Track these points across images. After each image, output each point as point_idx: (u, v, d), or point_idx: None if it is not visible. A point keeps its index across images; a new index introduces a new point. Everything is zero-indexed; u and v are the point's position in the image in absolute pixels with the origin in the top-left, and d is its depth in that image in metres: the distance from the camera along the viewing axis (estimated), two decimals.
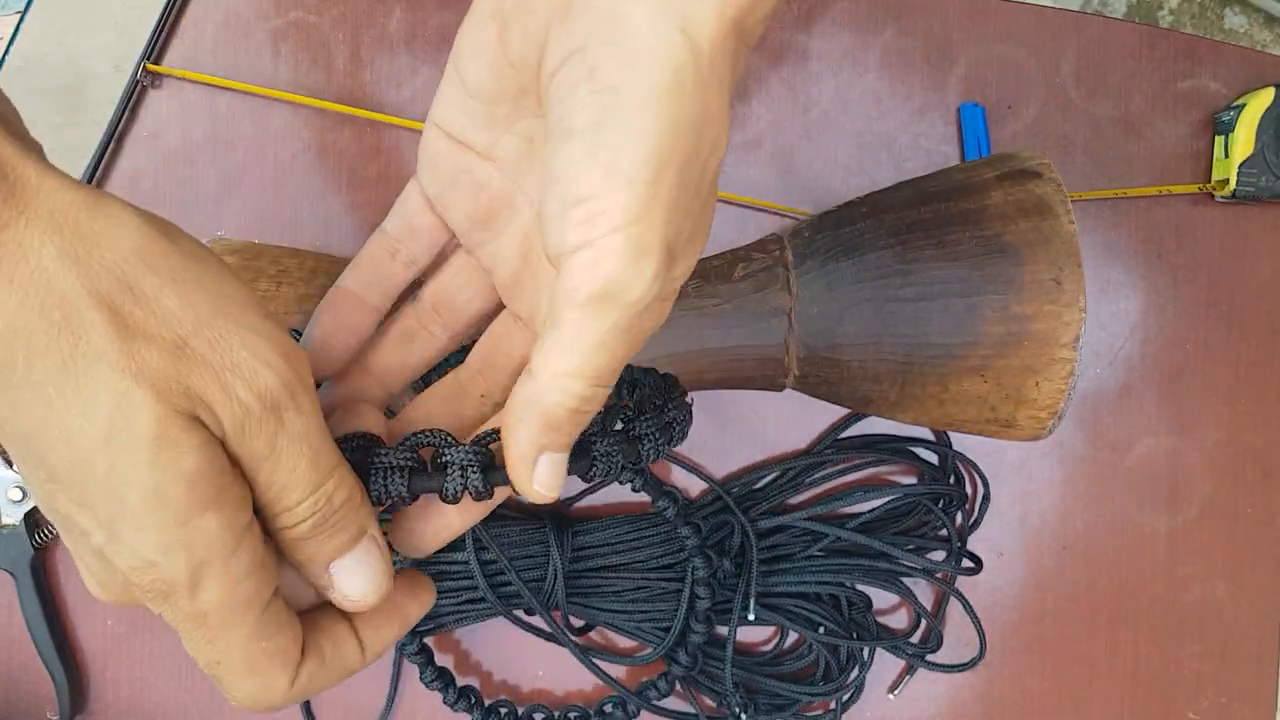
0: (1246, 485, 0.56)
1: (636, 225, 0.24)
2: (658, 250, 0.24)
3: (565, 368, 0.25)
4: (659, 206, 0.24)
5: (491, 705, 0.53)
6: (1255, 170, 0.53)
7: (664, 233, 0.24)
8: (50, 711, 0.56)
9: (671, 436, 0.32)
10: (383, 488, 0.29)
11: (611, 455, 0.30)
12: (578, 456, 0.29)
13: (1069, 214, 0.42)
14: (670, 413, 0.32)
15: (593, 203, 0.24)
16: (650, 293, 0.25)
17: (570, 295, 0.25)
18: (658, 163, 0.24)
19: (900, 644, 0.54)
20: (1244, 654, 0.56)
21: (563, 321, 0.25)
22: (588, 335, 0.25)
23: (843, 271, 0.44)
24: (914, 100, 0.55)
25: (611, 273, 0.24)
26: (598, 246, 0.24)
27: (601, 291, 0.24)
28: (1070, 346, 0.41)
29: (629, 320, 0.25)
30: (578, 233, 0.24)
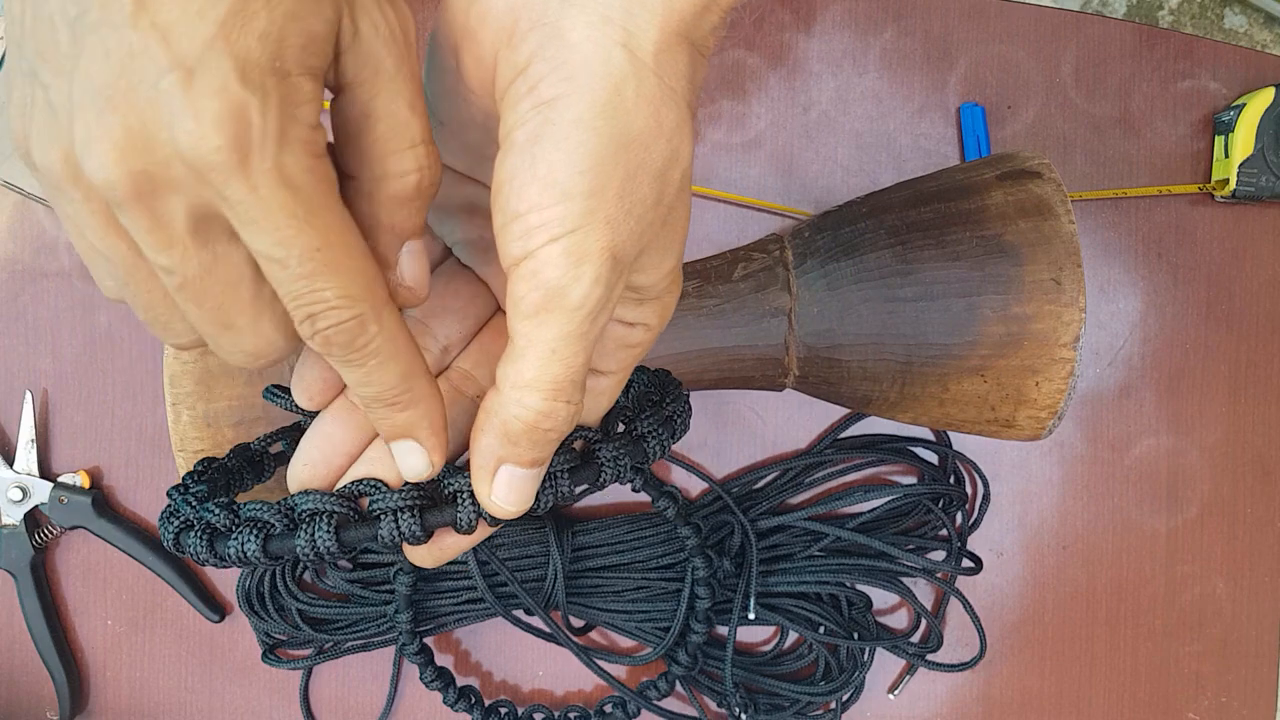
0: (1246, 485, 0.56)
1: (574, 235, 0.24)
2: (598, 257, 0.24)
3: (521, 380, 0.25)
4: (599, 216, 0.24)
5: (491, 705, 0.53)
6: (1255, 170, 0.53)
7: (607, 241, 0.24)
8: (50, 711, 0.56)
9: (675, 431, 0.32)
10: (394, 530, 0.28)
11: (619, 459, 0.30)
12: (583, 466, 0.29)
13: (1069, 214, 0.42)
14: (669, 406, 0.32)
15: (530, 216, 0.24)
16: (592, 299, 0.25)
17: (517, 306, 0.25)
18: (596, 175, 0.24)
19: (900, 644, 0.54)
20: (1243, 653, 0.56)
21: (515, 334, 0.25)
22: (537, 344, 0.25)
23: (843, 271, 0.44)
24: (914, 100, 0.55)
25: (550, 280, 0.24)
26: (537, 256, 0.24)
27: (543, 300, 0.25)
28: (1070, 346, 0.41)
29: (576, 327, 0.25)
30: (518, 244, 0.25)
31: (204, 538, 0.28)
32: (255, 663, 0.55)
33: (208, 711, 0.56)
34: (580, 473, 0.29)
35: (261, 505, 0.28)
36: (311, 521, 0.28)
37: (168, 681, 0.56)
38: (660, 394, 0.33)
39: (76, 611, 0.55)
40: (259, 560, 0.28)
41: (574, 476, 0.29)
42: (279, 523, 0.28)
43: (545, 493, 0.29)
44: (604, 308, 0.25)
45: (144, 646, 0.56)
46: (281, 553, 0.28)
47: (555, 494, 0.29)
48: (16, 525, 0.53)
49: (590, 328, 0.25)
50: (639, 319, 0.29)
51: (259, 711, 0.56)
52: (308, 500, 0.28)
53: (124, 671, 0.56)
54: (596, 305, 0.25)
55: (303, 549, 0.28)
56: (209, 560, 0.28)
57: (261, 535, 0.28)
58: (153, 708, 0.56)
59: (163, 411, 0.55)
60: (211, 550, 0.28)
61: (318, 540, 0.28)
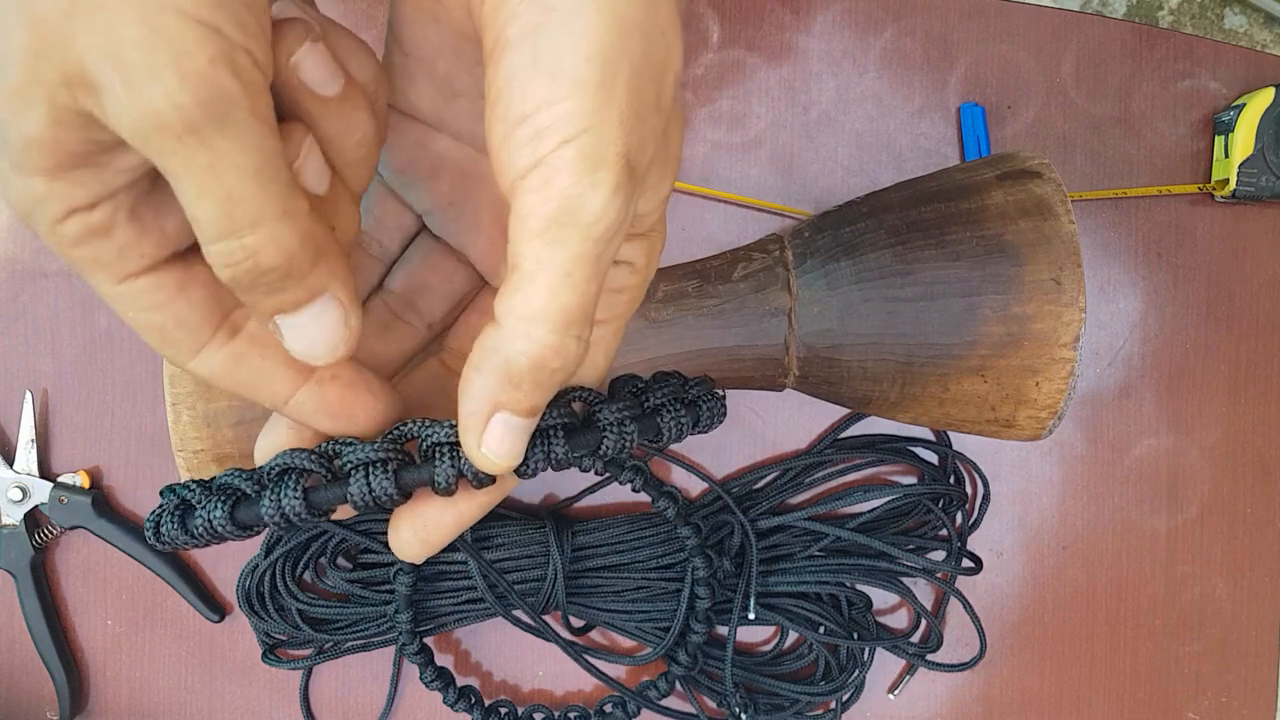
0: (1246, 485, 0.56)
1: (589, 134, 0.22)
2: (615, 162, 0.22)
3: (528, 309, 0.23)
4: (612, 112, 0.22)
5: (491, 705, 0.53)
6: (1255, 170, 0.53)
7: (621, 143, 0.22)
8: (50, 711, 0.56)
9: (699, 418, 0.28)
10: (365, 489, 0.25)
11: (623, 425, 0.26)
12: (582, 429, 0.26)
13: (1069, 214, 0.42)
14: (692, 390, 0.29)
15: (538, 116, 0.22)
16: (611, 211, 0.22)
17: (525, 225, 0.22)
18: (605, 62, 0.22)
19: (900, 644, 0.54)
20: (1243, 653, 0.56)
21: (521, 257, 0.23)
22: (549, 267, 0.22)
23: (843, 271, 0.44)
24: (914, 100, 0.55)
25: (565, 189, 0.22)
26: (548, 163, 0.22)
27: (557, 213, 0.22)
28: (1070, 346, 0.41)
29: (593, 247, 0.22)
30: (526, 152, 0.22)
31: (177, 516, 0.26)
32: (255, 663, 0.55)
33: (208, 711, 0.56)
34: (578, 436, 0.26)
35: (233, 471, 0.26)
36: (279, 482, 0.25)
37: (168, 681, 0.56)
38: (682, 379, 0.29)
39: (76, 611, 0.55)
40: (226, 530, 0.25)
41: (570, 439, 0.26)
42: (249, 488, 0.26)
43: (535, 453, 0.25)
44: (621, 225, 0.23)
45: (144, 646, 0.56)
46: (249, 520, 0.26)
47: (547, 456, 0.25)
48: (16, 525, 0.53)
49: (606, 248, 0.23)
50: (628, 256, 0.27)
51: (259, 711, 0.56)
52: (277, 459, 0.26)
53: (124, 671, 0.56)
54: (615, 220, 0.22)
55: (269, 513, 0.25)
56: (183, 540, 0.26)
57: (229, 502, 0.26)
58: (153, 708, 0.56)
59: (162, 411, 0.55)
60: (183, 527, 0.26)
61: (284, 502, 0.25)
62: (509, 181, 0.23)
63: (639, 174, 0.23)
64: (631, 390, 0.28)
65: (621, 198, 0.22)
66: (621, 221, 0.23)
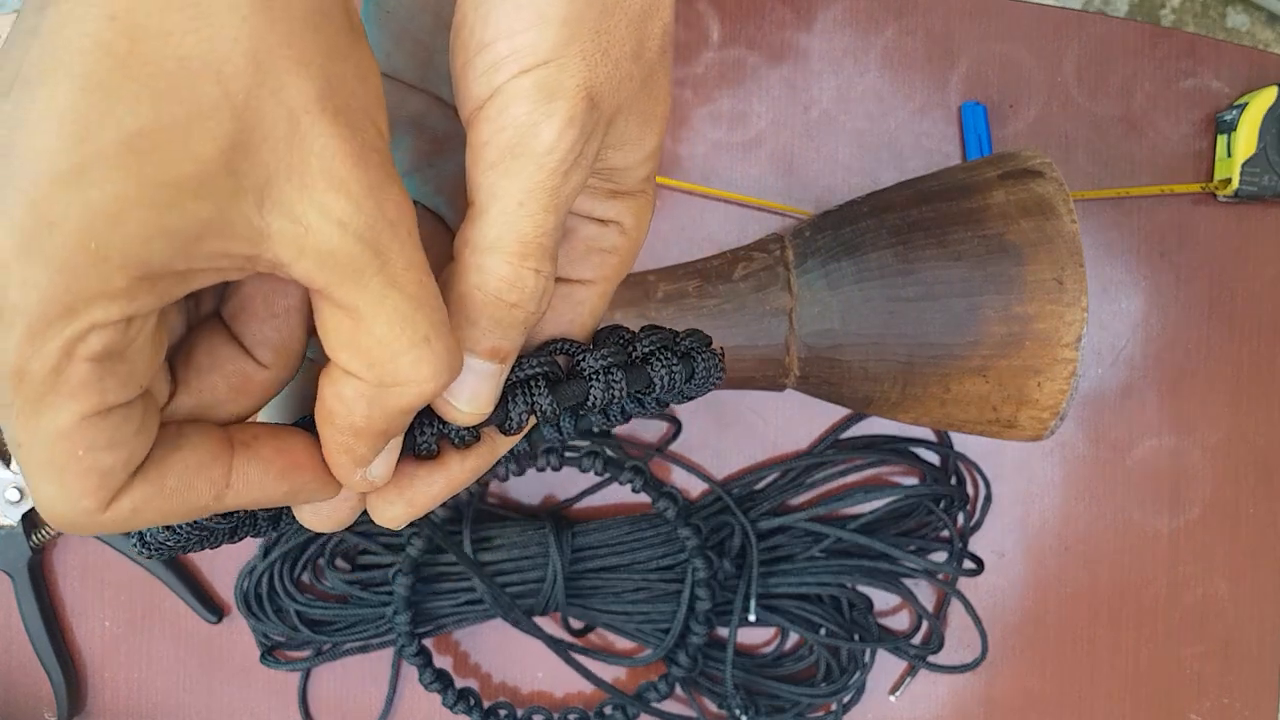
0: (1248, 485, 0.56)
1: (547, 67, 0.22)
2: (572, 94, 0.22)
3: (482, 241, 0.22)
4: (575, 47, 0.22)
5: (491, 707, 0.53)
6: (1258, 169, 0.53)
7: (583, 79, 0.22)
8: (48, 712, 0.56)
9: (693, 371, 0.26)
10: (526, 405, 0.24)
11: (610, 374, 0.25)
12: (568, 381, 0.25)
13: (1071, 213, 0.42)
14: (684, 341, 0.27)
15: (498, 44, 0.22)
16: (565, 140, 0.22)
17: (480, 156, 0.22)
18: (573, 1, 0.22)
19: (901, 645, 0.54)
20: (1246, 654, 0.56)
21: (476, 189, 0.22)
22: (501, 198, 0.22)
23: (844, 271, 0.44)
24: (915, 99, 0.55)
25: (517, 118, 0.22)
26: (503, 92, 0.22)
27: (510, 142, 0.22)
28: (1072, 346, 0.41)
29: (547, 178, 0.22)
30: (483, 82, 0.22)
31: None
32: (253, 664, 0.55)
33: (206, 713, 0.56)
34: (562, 387, 0.25)
35: None
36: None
37: (166, 682, 0.56)
38: (674, 331, 0.28)
39: (74, 612, 0.55)
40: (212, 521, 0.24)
41: (556, 392, 0.25)
42: None
43: (518, 404, 0.24)
44: (578, 161, 0.22)
45: (142, 647, 0.55)
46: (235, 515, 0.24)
47: (530, 407, 0.24)
48: (14, 526, 0.53)
49: (562, 182, 0.22)
50: (613, 215, 0.26)
51: (257, 713, 0.56)
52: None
53: (122, 672, 0.55)
54: (568, 152, 0.22)
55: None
56: (168, 540, 0.24)
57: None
58: (151, 709, 0.56)
59: None
60: (168, 525, 0.24)
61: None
62: (467, 112, 0.22)
63: (603, 113, 0.23)
64: (618, 340, 0.27)
65: (576, 130, 0.22)
66: (577, 154, 0.22)
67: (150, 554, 0.25)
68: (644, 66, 0.24)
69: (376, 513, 0.25)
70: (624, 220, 0.26)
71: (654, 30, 0.24)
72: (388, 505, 0.25)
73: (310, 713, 0.56)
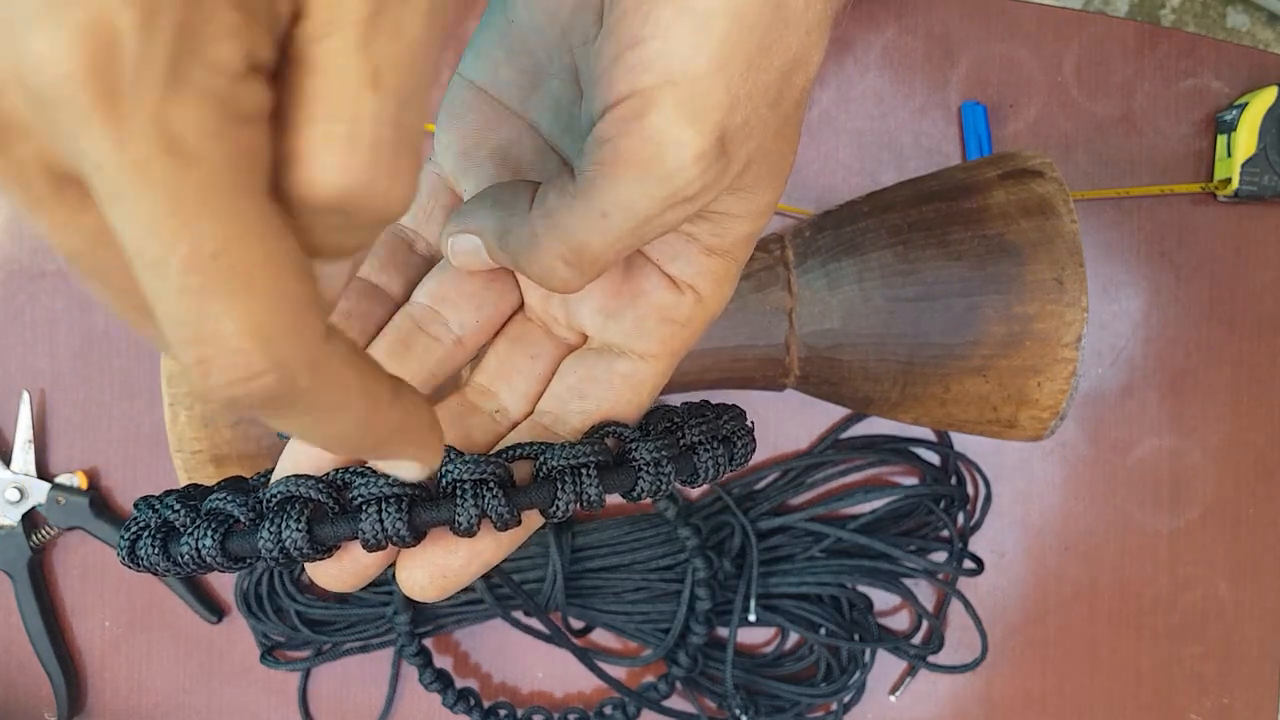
0: (1249, 485, 0.56)
1: (694, 87, 0.20)
2: (710, 130, 0.21)
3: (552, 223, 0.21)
4: (723, 76, 0.21)
5: (491, 707, 0.53)
6: (1258, 169, 0.53)
7: (722, 115, 0.21)
8: (48, 712, 0.55)
9: (734, 454, 0.26)
10: (378, 526, 0.22)
11: (660, 465, 0.24)
12: (616, 468, 0.24)
13: (1071, 213, 0.42)
14: (726, 425, 0.27)
15: (653, 43, 0.20)
16: (685, 175, 0.21)
17: (597, 148, 0.21)
18: (738, 22, 0.20)
19: (901, 645, 0.54)
20: (1246, 654, 0.56)
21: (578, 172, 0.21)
22: (593, 196, 0.21)
23: (844, 271, 0.44)
24: (915, 99, 0.55)
25: (653, 128, 0.20)
26: (644, 96, 0.20)
27: (631, 150, 0.20)
28: (1072, 346, 0.41)
29: (649, 203, 0.21)
30: (626, 81, 0.21)
31: (158, 539, 0.23)
32: (253, 664, 0.55)
33: (206, 713, 0.56)
34: (612, 475, 0.24)
35: (226, 496, 0.23)
36: (280, 512, 0.23)
37: (165, 683, 0.55)
38: (716, 413, 0.28)
39: (74, 612, 0.55)
40: (216, 561, 0.23)
41: (604, 478, 0.24)
42: (244, 516, 0.23)
43: (566, 491, 0.24)
44: (686, 201, 0.21)
45: (142, 647, 0.55)
46: (243, 552, 0.23)
47: (579, 496, 0.24)
48: (14, 526, 0.53)
49: (660, 212, 0.21)
50: (693, 277, 0.25)
51: (257, 713, 0.56)
52: (280, 485, 0.23)
53: (122, 672, 0.55)
54: (685, 186, 0.21)
55: (267, 546, 0.22)
56: (164, 567, 0.23)
57: (220, 530, 0.23)
58: (150, 709, 0.56)
59: (160, 411, 0.55)
60: (165, 553, 0.23)
61: (285, 535, 0.22)
62: (602, 105, 0.21)
63: (731, 158, 0.21)
64: (667, 425, 0.26)
65: (701, 168, 0.21)
66: (690, 195, 0.21)
67: (137, 568, 0.24)
68: (779, 116, 0.23)
69: (401, 579, 0.24)
70: (702, 287, 0.25)
71: (798, 81, 0.23)
72: (410, 571, 0.24)
73: (310, 713, 0.55)
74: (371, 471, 0.23)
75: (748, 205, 0.24)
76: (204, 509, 0.24)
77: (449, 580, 0.24)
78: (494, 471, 0.23)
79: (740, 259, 0.25)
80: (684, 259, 0.25)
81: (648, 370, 0.26)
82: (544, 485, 0.24)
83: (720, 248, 0.25)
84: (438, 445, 0.20)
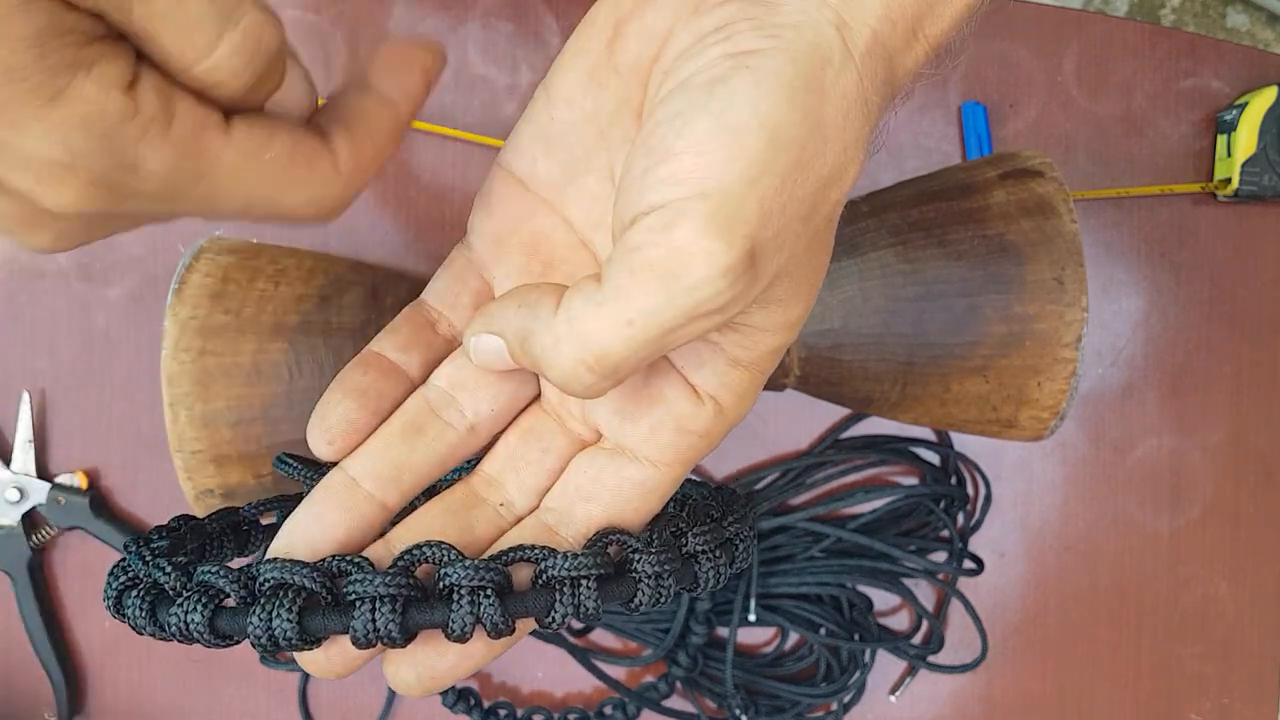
0: (1249, 485, 0.56)
1: (726, 200, 0.20)
2: (739, 243, 0.20)
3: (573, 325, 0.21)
4: (757, 191, 0.21)
5: (491, 707, 0.53)
6: (1258, 169, 0.53)
7: (752, 229, 0.21)
8: (48, 712, 0.56)
9: (734, 557, 0.26)
10: (370, 625, 0.22)
11: (661, 578, 0.24)
12: (617, 578, 0.24)
13: (1071, 213, 0.42)
14: (731, 527, 0.26)
15: (685, 158, 0.21)
16: (710, 288, 0.20)
17: (624, 256, 0.21)
18: (773, 141, 0.21)
19: (902, 645, 0.54)
20: (1246, 654, 0.56)
21: (604, 279, 0.21)
22: (618, 302, 0.21)
23: (844, 271, 0.44)
24: (915, 99, 0.55)
25: (681, 239, 0.20)
26: (674, 208, 0.20)
27: (658, 259, 0.20)
28: (1072, 346, 0.41)
29: (673, 315, 0.21)
30: (658, 191, 0.21)
31: (146, 600, 0.23)
32: (253, 664, 0.55)
33: (206, 713, 0.56)
34: (611, 585, 0.24)
35: (219, 570, 0.23)
36: (272, 598, 0.22)
37: (165, 683, 0.55)
38: (721, 510, 0.27)
39: (74, 612, 0.55)
40: (203, 638, 0.22)
41: (603, 588, 0.23)
42: (235, 593, 0.23)
43: (564, 602, 0.23)
44: (712, 314, 0.21)
45: (142, 648, 0.55)
46: (231, 631, 0.23)
47: (576, 608, 0.23)
48: (14, 526, 0.53)
49: (684, 323, 0.21)
50: (715, 388, 0.25)
51: (257, 713, 0.56)
52: (274, 569, 0.23)
53: (122, 673, 0.55)
54: (710, 299, 0.21)
55: (256, 630, 0.22)
56: (149, 629, 0.23)
57: (210, 606, 0.23)
58: (150, 709, 0.56)
59: (160, 411, 0.54)
60: (152, 617, 0.23)
61: (275, 623, 0.22)
62: (632, 214, 0.21)
63: (759, 271, 0.21)
64: (670, 533, 0.26)
65: (728, 281, 0.21)
66: (717, 307, 0.21)
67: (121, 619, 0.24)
68: (810, 231, 0.22)
69: (389, 674, 0.24)
70: (724, 399, 0.25)
71: (832, 196, 0.22)
72: (398, 667, 0.24)
73: (310, 713, 0.55)
74: (369, 565, 0.23)
75: (777, 319, 0.24)
76: (195, 579, 0.23)
77: (437, 681, 0.24)
78: (492, 579, 0.23)
79: (765, 371, 0.25)
80: (709, 368, 0.25)
81: (658, 479, 0.26)
82: (541, 594, 0.23)
83: (746, 360, 0.25)
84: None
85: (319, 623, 0.22)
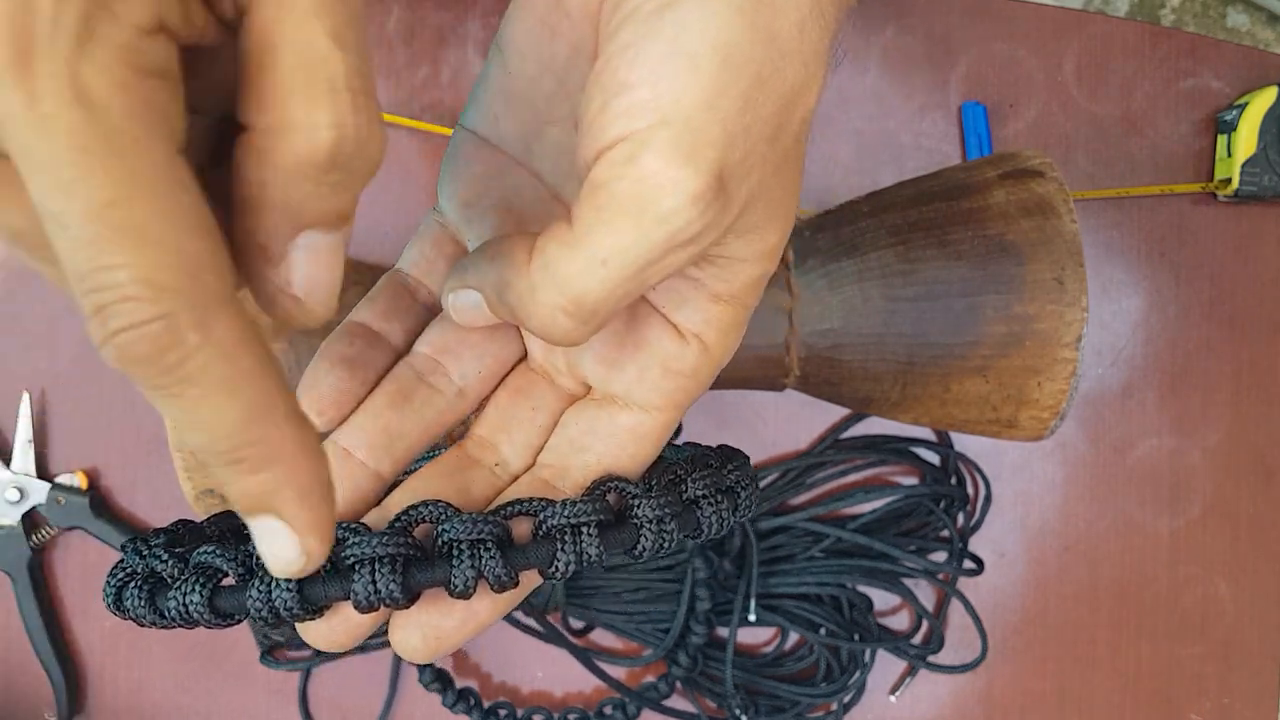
0: (1249, 485, 0.56)
1: (687, 126, 0.20)
2: (706, 168, 0.20)
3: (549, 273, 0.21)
4: (718, 113, 0.20)
5: (491, 707, 0.53)
6: (1258, 169, 0.53)
7: (718, 153, 0.20)
8: (48, 712, 0.56)
9: (737, 505, 0.26)
10: (371, 587, 0.22)
11: (663, 522, 0.24)
12: (617, 526, 0.24)
13: (1071, 213, 0.42)
14: (731, 475, 0.26)
15: (642, 89, 0.20)
16: (682, 217, 0.20)
17: (592, 193, 0.20)
18: (728, 61, 0.20)
19: (902, 645, 0.54)
20: (1246, 654, 0.56)
21: (575, 219, 0.21)
22: (590, 245, 0.20)
23: (844, 271, 0.44)
24: (915, 99, 0.55)
25: (647, 170, 0.20)
26: (636, 139, 0.20)
27: (628, 193, 0.20)
28: (1072, 346, 0.41)
29: (648, 248, 0.20)
30: (618, 125, 0.20)
31: (144, 590, 0.23)
32: (253, 664, 0.55)
33: (205, 713, 0.56)
34: (612, 533, 0.23)
35: (216, 550, 0.23)
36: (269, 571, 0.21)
37: (165, 682, 0.55)
38: (720, 461, 0.27)
39: (74, 612, 0.55)
40: (204, 618, 0.22)
41: (604, 536, 0.23)
42: (234, 572, 0.23)
43: (566, 550, 0.23)
44: (687, 243, 0.20)
45: (142, 647, 0.55)
46: (231, 609, 0.22)
47: (579, 556, 0.23)
48: (14, 526, 0.53)
49: (660, 256, 0.20)
50: (698, 325, 0.24)
51: (257, 713, 0.56)
52: None
53: (122, 672, 0.55)
54: (684, 227, 0.20)
55: (256, 605, 0.22)
56: (151, 619, 0.23)
57: (209, 586, 0.22)
58: (150, 709, 0.56)
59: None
60: (151, 604, 0.23)
61: (275, 595, 0.22)
62: (595, 151, 0.21)
63: (730, 197, 0.21)
64: (670, 479, 0.25)
65: (699, 209, 0.20)
66: (690, 237, 0.20)
67: (123, 616, 0.23)
68: (779, 151, 0.22)
69: (395, 640, 0.24)
70: (708, 336, 0.25)
71: (797, 114, 0.22)
72: (404, 632, 0.23)
73: (310, 713, 0.55)
74: (365, 529, 0.23)
75: (753, 247, 0.23)
76: (192, 562, 0.23)
77: (443, 642, 0.24)
78: (491, 531, 0.23)
79: (749, 305, 0.25)
80: (691, 306, 0.25)
81: (651, 423, 0.25)
82: (543, 544, 0.23)
83: (728, 293, 0.24)
84: (321, 515, 0.19)
85: (319, 590, 0.22)
